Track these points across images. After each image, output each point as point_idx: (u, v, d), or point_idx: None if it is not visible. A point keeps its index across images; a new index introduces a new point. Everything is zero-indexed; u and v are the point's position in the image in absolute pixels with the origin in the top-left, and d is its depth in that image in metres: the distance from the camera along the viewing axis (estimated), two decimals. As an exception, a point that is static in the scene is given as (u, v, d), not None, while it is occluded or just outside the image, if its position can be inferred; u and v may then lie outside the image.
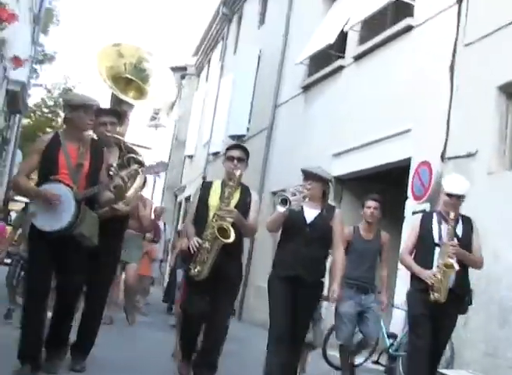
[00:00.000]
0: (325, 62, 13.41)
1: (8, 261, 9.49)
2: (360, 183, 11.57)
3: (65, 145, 5.69)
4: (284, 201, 5.90)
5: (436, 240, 6.11)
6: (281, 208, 5.94)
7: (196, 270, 6.17)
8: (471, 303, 6.20)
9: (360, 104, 11.39)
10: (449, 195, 6.12)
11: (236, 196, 6.40)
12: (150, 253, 11.97)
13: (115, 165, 5.92)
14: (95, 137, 6.22)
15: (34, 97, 24.45)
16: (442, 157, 8.80)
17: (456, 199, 6.10)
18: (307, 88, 14.16)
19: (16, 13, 8.54)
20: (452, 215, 5.99)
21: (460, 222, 6.18)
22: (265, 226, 6.37)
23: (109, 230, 6.00)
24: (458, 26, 9.02)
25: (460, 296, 6.12)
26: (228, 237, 6.05)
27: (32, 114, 26.15)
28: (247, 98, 18.08)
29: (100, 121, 6.24)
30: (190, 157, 26.32)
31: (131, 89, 7.22)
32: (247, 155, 6.63)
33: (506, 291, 7.26)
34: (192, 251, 6.21)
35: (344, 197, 12.09)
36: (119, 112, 6.76)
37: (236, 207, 6.30)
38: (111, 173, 5.71)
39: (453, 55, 9.00)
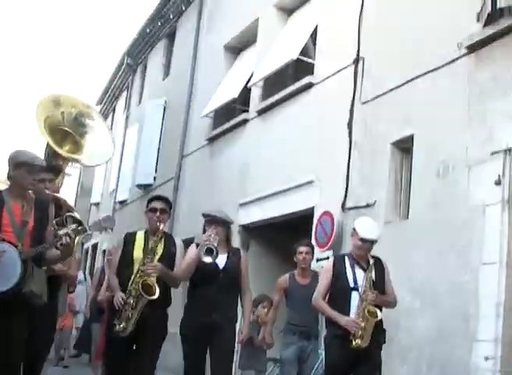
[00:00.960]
0: (230, 115, 13.91)
1: None
2: (267, 232, 12.04)
3: (8, 203, 5.51)
4: (209, 251, 6.16)
5: (352, 284, 6.18)
6: (208, 259, 6.17)
7: (121, 326, 6.20)
8: (384, 342, 6.35)
9: (265, 156, 11.89)
10: (363, 240, 6.24)
11: (161, 247, 6.48)
12: (71, 304, 11.82)
13: (53, 222, 5.86)
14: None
15: None
16: (343, 207, 9.34)
17: (370, 244, 6.27)
18: (212, 140, 14.60)
19: None
20: (371, 261, 6.19)
21: (373, 264, 6.27)
22: (179, 276, 6.52)
23: (49, 288, 5.77)
24: (355, 84, 9.65)
25: (377, 337, 6.21)
26: (153, 293, 6.14)
27: None
28: (154, 147, 18.38)
29: (39, 178, 6.03)
30: (96, 205, 26.30)
31: (68, 142, 7.24)
32: (170, 207, 6.86)
33: (403, 331, 7.72)
34: (117, 308, 6.24)
35: (251, 245, 12.47)
36: (56, 168, 6.75)
37: (161, 259, 6.40)
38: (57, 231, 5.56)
39: (351, 112, 9.59)
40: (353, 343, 5.98)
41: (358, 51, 9.71)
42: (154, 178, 18.10)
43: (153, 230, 6.54)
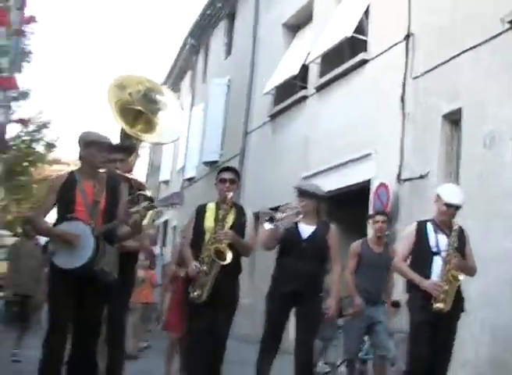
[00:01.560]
0: (290, 92, 14.39)
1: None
2: (328, 204, 12.50)
3: (80, 183, 5.69)
4: (270, 219, 6.18)
5: (434, 249, 6.09)
6: (267, 226, 6.21)
7: (196, 294, 6.30)
8: (463, 310, 6.22)
9: (325, 131, 12.37)
10: (448, 205, 6.12)
11: (231, 217, 6.52)
12: (151, 279, 11.80)
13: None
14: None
15: (10, 132, 25.10)
16: (398, 179, 9.78)
17: (454, 210, 6.15)
18: (274, 116, 15.16)
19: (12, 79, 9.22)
20: (455, 227, 6.09)
21: (457, 231, 6.16)
22: (260, 247, 6.70)
23: (121, 265, 5.95)
24: (406, 60, 10.03)
25: (459, 300, 6.13)
26: (225, 259, 6.20)
27: (9, 150, 26.81)
28: (219, 125, 19.02)
29: (110, 158, 6.21)
30: (166, 182, 27.09)
31: (140, 122, 7.09)
32: (238, 177, 6.83)
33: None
34: (191, 276, 6.35)
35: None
36: (128, 148, 6.77)
37: (231, 228, 6.42)
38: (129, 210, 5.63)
39: (403, 87, 10.00)
40: (434, 306, 5.89)
41: (409, 27, 10.08)
42: (220, 155, 18.72)
43: (223, 201, 6.58)
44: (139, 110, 7.01)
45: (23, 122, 24.70)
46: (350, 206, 11.49)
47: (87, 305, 5.51)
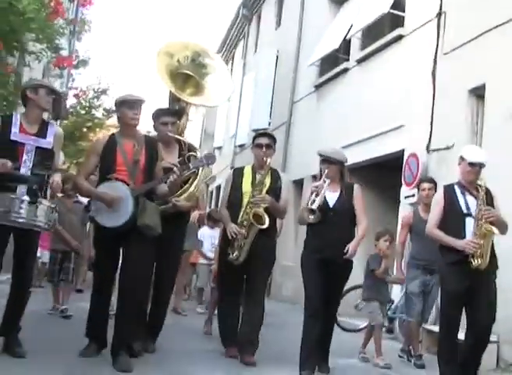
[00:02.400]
0: (334, 63, 14.98)
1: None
2: (365, 172, 13.15)
3: (121, 144, 5.93)
4: (311, 212, 6.17)
5: (465, 210, 6.10)
6: (312, 219, 6.20)
7: (234, 255, 6.56)
8: (497, 267, 6.18)
9: (362, 102, 12.98)
10: (472, 164, 6.15)
11: (267, 181, 6.70)
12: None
13: (176, 162, 6.20)
14: (157, 136, 6.55)
15: (70, 99, 26.09)
16: (428, 149, 10.38)
17: (478, 168, 6.17)
18: (318, 87, 15.77)
19: (72, 58, 9.93)
20: (482, 182, 6.14)
21: (483, 191, 6.16)
22: (285, 208, 6.87)
23: (173, 223, 6.27)
24: (438, 36, 10.57)
25: (493, 256, 6.12)
26: (263, 222, 6.46)
27: (69, 115, 27.88)
28: (268, 94, 19.66)
29: (161, 121, 6.60)
30: (219, 148, 27.89)
31: (189, 86, 7.34)
32: (274, 142, 6.94)
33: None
34: (230, 238, 6.59)
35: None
36: (178, 112, 7.03)
37: (268, 192, 6.63)
38: (175, 170, 5.85)
39: (434, 62, 10.56)
40: (474, 263, 5.90)
41: (441, 5, 10.60)
42: (269, 123, 19.36)
43: (260, 165, 6.75)
44: (188, 74, 7.34)
45: (77, 96, 25.58)
46: (385, 174, 12.14)
47: (132, 261, 5.76)
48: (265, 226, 6.49)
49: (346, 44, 14.32)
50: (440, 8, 10.61)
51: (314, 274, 6.38)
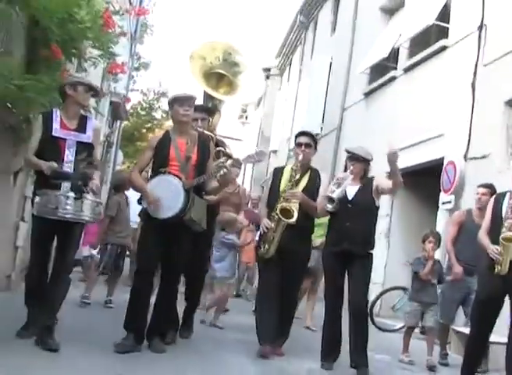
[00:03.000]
0: (382, 72, 15.35)
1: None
2: (408, 178, 13.44)
3: (175, 140, 6.14)
4: (330, 200, 6.42)
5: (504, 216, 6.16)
6: (330, 207, 6.47)
7: (265, 248, 6.68)
8: None
9: (407, 110, 13.33)
10: None
11: (305, 179, 6.83)
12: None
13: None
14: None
15: (132, 100, 26.99)
16: (465, 157, 10.70)
17: None
18: (368, 94, 16.17)
19: (125, 64, 10.51)
20: None
21: None
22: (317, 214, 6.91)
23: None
24: (479, 48, 10.89)
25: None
26: (291, 217, 6.49)
27: (130, 116, 28.71)
28: (321, 100, 20.11)
29: (192, 117, 6.55)
30: (275, 152, 28.40)
31: (223, 85, 7.64)
32: (314, 141, 7.01)
33: None
34: (262, 232, 6.77)
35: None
36: (209, 108, 7.26)
37: (304, 189, 6.74)
38: (226, 165, 6.03)
39: (475, 73, 10.88)
40: (496, 270, 6.04)
41: (482, 19, 10.91)
42: (321, 128, 19.78)
43: (298, 164, 6.84)
44: (221, 73, 7.61)
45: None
46: (427, 180, 12.45)
47: (175, 252, 6.04)
48: (293, 220, 6.52)
49: (394, 53, 14.67)
50: (482, 21, 10.92)
51: (332, 275, 6.69)
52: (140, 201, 6.37)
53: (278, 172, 7.05)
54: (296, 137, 7.12)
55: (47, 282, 5.80)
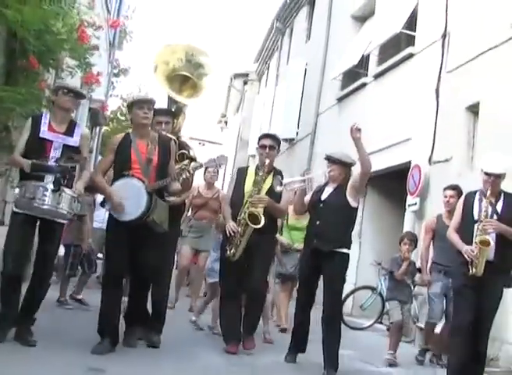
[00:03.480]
0: (354, 78, 15.81)
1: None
2: (378, 181, 13.92)
3: (135, 142, 6.21)
4: (279, 183, 6.83)
5: (476, 217, 6.24)
6: (278, 188, 6.82)
7: (231, 252, 6.84)
8: (509, 286, 6.38)
9: (378, 115, 13.73)
10: (486, 174, 6.26)
11: (269, 181, 6.96)
12: None
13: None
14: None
15: (111, 106, 27.19)
16: (430, 161, 11.14)
17: (495, 178, 6.23)
18: (340, 100, 16.61)
19: (99, 75, 10.79)
20: (488, 193, 6.20)
21: (502, 199, 6.29)
22: (284, 209, 7.24)
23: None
24: (442, 56, 11.34)
25: (503, 269, 6.28)
26: (258, 222, 6.71)
27: (110, 122, 28.87)
28: (296, 105, 20.46)
29: (156, 120, 6.68)
30: (253, 156, 28.71)
31: (186, 87, 7.61)
32: (278, 144, 7.22)
33: None
34: (228, 235, 6.89)
35: (368, 191, 14.49)
36: (172, 111, 7.31)
37: (268, 191, 6.90)
38: (189, 169, 6.31)
39: (438, 80, 11.33)
40: (470, 271, 6.12)
41: (446, 26, 11.37)
42: (297, 133, 20.24)
43: (263, 164, 7.03)
44: (185, 75, 7.58)
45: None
46: (395, 183, 12.89)
47: (141, 254, 6.14)
48: (260, 225, 6.72)
49: (365, 59, 15.11)
50: (445, 30, 11.36)
51: (305, 273, 6.98)
52: (103, 204, 6.52)
53: (241, 172, 7.22)
54: (260, 138, 7.31)
55: (20, 283, 5.93)
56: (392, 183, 13.02)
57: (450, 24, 11.31)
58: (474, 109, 10.24)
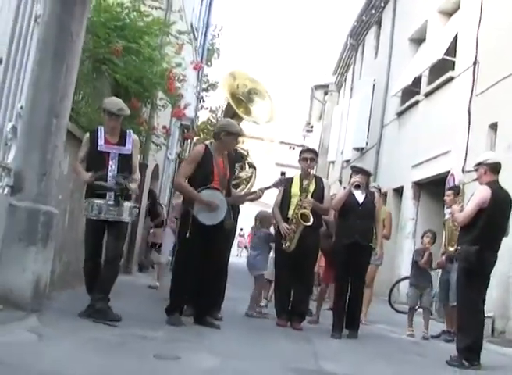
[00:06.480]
0: (411, 95, 17.79)
1: None
2: (429, 187, 15.96)
3: (215, 158, 7.14)
4: (357, 186, 8.30)
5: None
6: (357, 192, 8.32)
7: (286, 245, 8.30)
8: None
9: (427, 130, 15.78)
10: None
11: (312, 186, 8.39)
12: None
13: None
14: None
15: (202, 117, 29.52)
16: (463, 170, 13.09)
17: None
18: (400, 114, 18.67)
19: (186, 108, 13.17)
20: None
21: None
22: (328, 207, 8.56)
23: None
24: (473, 81, 13.30)
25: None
26: (308, 220, 8.20)
27: (200, 132, 31.28)
28: (366, 117, 22.48)
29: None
30: (332, 163, 30.80)
31: (241, 107, 8.86)
32: (316, 156, 8.74)
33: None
34: (283, 235, 8.33)
35: (422, 196, 16.58)
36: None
37: (313, 195, 8.31)
38: (259, 193, 7.89)
39: (470, 101, 13.31)
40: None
41: (476, 55, 13.31)
42: (366, 143, 22.27)
43: (305, 174, 8.45)
44: (240, 99, 8.92)
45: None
46: (440, 188, 14.78)
47: (214, 249, 7.15)
48: (310, 223, 8.22)
49: (418, 79, 17.06)
50: (476, 57, 13.32)
51: (343, 257, 8.29)
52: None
53: (288, 181, 8.65)
54: (302, 152, 8.78)
55: (99, 270, 6.82)
56: (439, 189, 14.93)
57: (480, 53, 13.21)
58: (494, 128, 12.12)
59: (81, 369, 4.49)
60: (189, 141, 25.60)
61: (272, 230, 9.78)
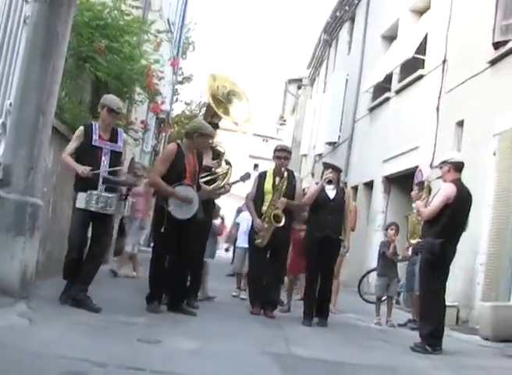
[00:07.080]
0: (382, 91, 18.25)
1: None
2: (399, 181, 16.41)
3: (187, 156, 7.51)
4: (329, 182, 8.71)
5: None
6: (329, 187, 8.74)
7: (259, 241, 8.71)
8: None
9: (397, 126, 16.24)
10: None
11: (285, 183, 8.67)
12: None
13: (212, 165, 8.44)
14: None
15: (176, 110, 29.69)
16: (431, 166, 13.55)
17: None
18: (371, 110, 19.12)
19: (163, 103, 13.49)
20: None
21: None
22: (301, 204, 8.89)
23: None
24: (442, 79, 13.76)
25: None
26: (280, 221, 8.56)
27: (175, 124, 31.40)
28: (338, 112, 22.87)
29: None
30: (305, 156, 31.18)
31: (220, 107, 9.20)
32: (290, 154, 9.03)
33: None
34: (257, 231, 8.72)
35: (392, 189, 17.04)
36: (216, 125, 8.87)
37: (286, 192, 8.61)
38: (227, 187, 8.41)
39: (439, 99, 13.79)
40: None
41: (445, 54, 13.78)
42: (338, 137, 22.67)
43: (279, 171, 8.73)
44: (220, 99, 9.28)
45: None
46: (409, 182, 15.27)
47: (189, 239, 7.53)
48: (281, 224, 8.57)
49: (390, 76, 17.50)
50: (445, 57, 13.78)
51: (314, 250, 8.68)
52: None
53: (262, 176, 9.01)
54: (276, 150, 9.05)
55: (82, 261, 6.98)
56: (408, 183, 15.36)
57: (449, 51, 13.68)
58: (461, 124, 12.60)
59: (70, 350, 4.84)
60: (164, 134, 25.84)
61: (218, 221, 11.08)
